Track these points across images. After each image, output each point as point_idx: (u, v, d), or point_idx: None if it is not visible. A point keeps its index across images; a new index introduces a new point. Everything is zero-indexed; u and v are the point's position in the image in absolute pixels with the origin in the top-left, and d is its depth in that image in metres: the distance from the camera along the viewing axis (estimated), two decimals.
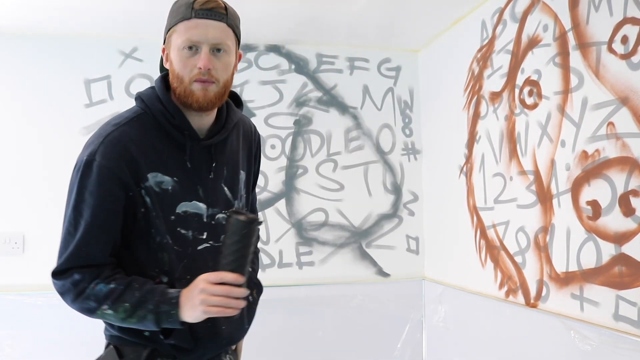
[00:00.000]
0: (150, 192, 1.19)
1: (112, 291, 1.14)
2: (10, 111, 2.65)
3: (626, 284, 1.55)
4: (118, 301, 1.13)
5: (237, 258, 1.12)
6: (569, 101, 1.81)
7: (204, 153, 1.27)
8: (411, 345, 2.93)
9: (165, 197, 1.21)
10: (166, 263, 1.21)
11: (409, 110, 3.09)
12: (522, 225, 2.08)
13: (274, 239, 2.87)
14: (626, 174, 1.55)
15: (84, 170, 1.16)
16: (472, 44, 2.48)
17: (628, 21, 1.56)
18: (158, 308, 1.13)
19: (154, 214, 1.19)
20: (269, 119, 2.91)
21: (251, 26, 2.69)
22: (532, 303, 2.01)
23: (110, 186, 1.15)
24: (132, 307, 1.13)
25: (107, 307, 1.13)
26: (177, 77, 1.19)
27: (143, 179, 1.19)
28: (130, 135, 1.19)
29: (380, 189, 3.01)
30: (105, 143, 1.16)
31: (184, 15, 1.18)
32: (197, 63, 1.17)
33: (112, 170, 1.15)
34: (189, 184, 1.24)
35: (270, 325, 2.80)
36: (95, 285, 1.14)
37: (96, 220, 1.15)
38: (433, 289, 2.86)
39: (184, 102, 1.20)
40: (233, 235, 1.12)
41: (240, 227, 1.11)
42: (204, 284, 1.11)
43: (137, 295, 1.14)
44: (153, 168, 1.20)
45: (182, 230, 1.23)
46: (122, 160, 1.16)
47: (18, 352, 2.53)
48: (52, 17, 2.50)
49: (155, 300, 1.13)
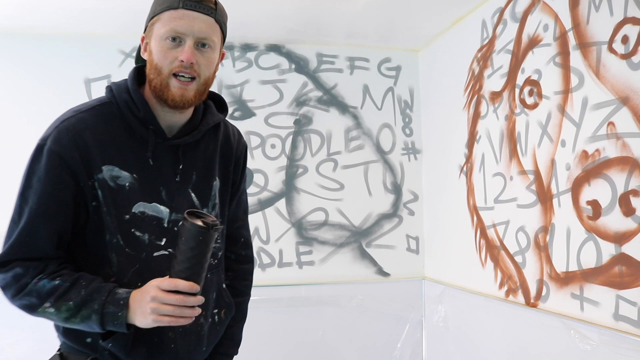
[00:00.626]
0: (103, 185, 1.11)
1: (56, 288, 1.05)
2: (10, 111, 2.65)
3: (626, 284, 1.56)
4: (62, 299, 1.05)
5: (192, 265, 1.03)
6: (569, 101, 1.81)
7: (169, 153, 1.18)
8: (411, 345, 2.93)
9: (120, 194, 1.12)
10: (114, 264, 1.12)
11: (409, 110, 3.09)
12: (522, 225, 2.08)
13: (274, 239, 2.87)
14: (626, 173, 1.56)
15: (35, 155, 1.09)
16: (472, 44, 2.48)
17: (628, 21, 1.56)
18: (104, 308, 1.04)
19: (104, 209, 1.11)
20: (269, 119, 2.91)
21: (251, 26, 2.70)
22: (532, 303, 2.01)
23: (58, 172, 1.08)
24: (76, 306, 1.05)
25: (49, 304, 1.05)
26: (154, 68, 1.11)
27: (96, 170, 1.10)
28: (88, 123, 1.12)
29: (381, 189, 3.01)
30: (59, 128, 1.10)
31: (171, 3, 1.10)
32: (179, 55, 1.10)
33: (62, 156, 1.08)
34: (151, 184, 1.15)
35: (270, 325, 2.81)
36: (38, 281, 1.06)
37: (41, 208, 1.07)
38: (433, 289, 2.86)
39: (159, 96, 1.13)
40: (188, 241, 1.02)
41: (196, 233, 1.02)
42: (155, 291, 1.02)
43: (83, 294, 1.05)
44: (109, 160, 1.11)
45: (137, 232, 1.13)
46: (73, 147, 1.09)
47: (18, 352, 2.53)
48: (53, 17, 2.50)
49: (101, 300, 1.05)
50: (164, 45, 1.11)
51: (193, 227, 1.02)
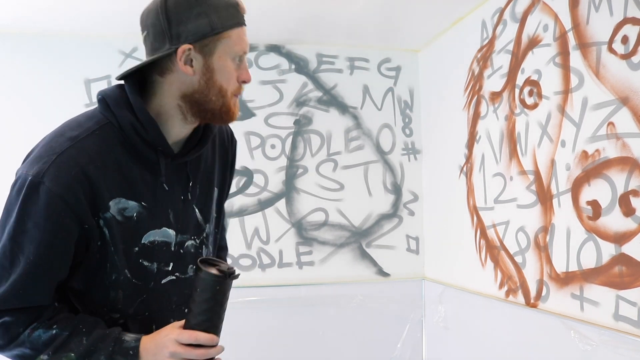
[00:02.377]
0: (110, 223, 0.98)
1: (54, 338, 0.94)
2: (10, 111, 2.65)
3: (626, 284, 1.55)
4: (61, 350, 0.94)
5: (211, 316, 0.97)
6: (569, 101, 1.81)
7: (179, 171, 1.08)
8: (411, 345, 2.93)
9: (129, 227, 1.01)
10: (119, 301, 1.03)
11: (409, 110, 3.09)
12: (522, 225, 2.08)
13: (274, 239, 2.87)
14: (626, 174, 1.55)
15: (29, 194, 0.93)
16: (472, 44, 2.48)
17: (628, 21, 1.56)
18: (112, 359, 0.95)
19: (112, 248, 0.99)
20: (269, 119, 2.91)
21: (251, 26, 2.67)
22: (532, 303, 2.01)
23: (61, 220, 0.93)
24: (78, 358, 0.94)
25: (46, 357, 0.94)
26: (218, 90, 1.01)
27: (103, 209, 0.98)
28: (91, 154, 0.97)
29: (380, 189, 3.01)
30: (57, 163, 0.94)
31: (239, 20, 1.02)
32: (240, 75, 1.04)
33: (66, 200, 0.93)
34: (160, 209, 1.05)
35: (271, 325, 2.81)
36: (32, 331, 0.94)
37: (40, 260, 0.94)
38: (433, 289, 2.86)
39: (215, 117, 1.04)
40: (204, 292, 0.96)
41: (212, 283, 0.96)
42: (174, 346, 0.94)
43: (85, 343, 0.94)
44: (116, 193, 0.99)
45: (146, 262, 1.04)
46: (78, 188, 0.94)
47: None
48: (52, 17, 2.50)
49: (108, 351, 0.95)
50: (232, 66, 1.02)
51: (209, 277, 0.95)
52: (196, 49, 0.99)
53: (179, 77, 1.01)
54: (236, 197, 2.85)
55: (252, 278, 2.82)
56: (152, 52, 1.02)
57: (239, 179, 2.86)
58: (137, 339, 0.97)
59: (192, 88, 1.02)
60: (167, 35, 0.99)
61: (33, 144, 1.05)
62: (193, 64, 1.00)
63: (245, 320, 2.78)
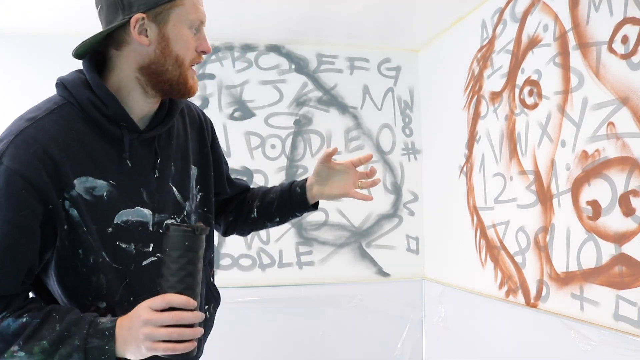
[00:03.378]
0: (77, 202, 0.95)
1: (24, 327, 0.89)
2: (10, 111, 2.64)
3: (626, 284, 1.55)
4: (32, 339, 0.88)
5: (182, 277, 0.91)
6: (569, 101, 1.81)
7: (145, 147, 1.05)
8: (411, 345, 2.93)
9: (99, 206, 0.97)
10: (103, 286, 0.98)
11: (409, 110, 3.09)
12: (522, 225, 2.08)
13: (274, 239, 2.87)
14: (626, 174, 1.55)
15: None
16: (472, 44, 2.48)
17: (628, 21, 1.56)
18: (87, 343, 0.88)
19: (83, 229, 0.95)
20: (269, 119, 2.91)
21: (251, 26, 2.70)
22: (532, 303, 2.01)
23: (23, 198, 0.90)
24: (51, 345, 0.88)
25: (17, 348, 0.87)
26: (175, 60, 1.00)
27: (67, 187, 0.94)
28: (50, 131, 0.94)
29: (380, 189, 3.01)
30: (16, 142, 0.92)
31: None
32: (199, 45, 1.03)
33: (26, 177, 0.90)
34: (131, 187, 1.02)
35: (270, 325, 2.81)
36: (1, 321, 0.89)
37: (5, 241, 0.89)
38: (433, 289, 2.86)
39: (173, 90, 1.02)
40: (174, 250, 0.91)
41: (181, 239, 0.91)
42: (147, 313, 0.89)
43: (58, 329, 0.89)
44: (81, 171, 0.96)
45: (123, 244, 1.00)
46: (39, 165, 0.91)
47: None
48: (52, 17, 2.50)
49: (82, 334, 0.89)
50: (189, 34, 1.01)
51: (178, 233, 0.91)
52: (150, 17, 0.97)
53: (135, 48, 1.00)
54: None
55: (252, 278, 2.82)
56: (106, 25, 1.01)
57: None
58: (113, 320, 0.92)
59: (148, 59, 1.00)
60: (119, 5, 0.97)
61: None
62: (148, 33, 0.98)
63: (245, 320, 2.78)
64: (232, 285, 2.78)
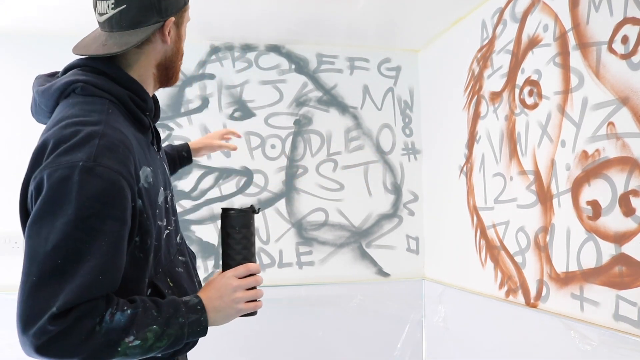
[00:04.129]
0: (141, 192, 1.00)
1: (132, 317, 0.93)
2: (10, 111, 2.65)
3: (626, 284, 1.55)
4: (142, 327, 0.93)
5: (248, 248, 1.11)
6: (569, 101, 1.81)
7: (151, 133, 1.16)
8: (411, 345, 2.93)
9: (151, 192, 1.04)
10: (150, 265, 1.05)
11: (409, 110, 3.09)
12: (522, 225, 2.08)
13: (274, 239, 2.87)
14: (626, 174, 1.55)
15: (83, 179, 0.88)
16: (472, 44, 2.48)
17: (628, 21, 1.56)
18: (188, 319, 0.99)
19: (145, 215, 1.00)
20: (269, 119, 2.91)
21: (251, 26, 2.70)
22: (532, 303, 2.01)
23: (126, 195, 0.94)
24: (161, 328, 0.95)
25: (132, 338, 0.92)
26: (180, 54, 1.15)
27: (138, 179, 0.99)
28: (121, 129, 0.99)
29: (380, 189, 3.01)
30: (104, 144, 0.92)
31: None
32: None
33: (125, 175, 0.94)
34: (158, 169, 1.11)
35: (270, 325, 2.81)
36: (111, 317, 0.91)
37: (116, 238, 0.92)
38: (433, 289, 2.86)
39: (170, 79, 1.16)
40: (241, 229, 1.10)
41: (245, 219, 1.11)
42: (236, 281, 1.05)
43: (156, 314, 0.96)
44: (140, 162, 1.02)
45: (159, 222, 1.08)
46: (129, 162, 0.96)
47: (18, 352, 2.53)
48: (52, 17, 2.50)
49: (182, 313, 0.98)
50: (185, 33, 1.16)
51: (241, 214, 1.10)
52: (177, 19, 1.11)
53: (156, 47, 1.10)
54: (236, 197, 2.85)
55: None
56: (133, 25, 1.04)
57: (239, 179, 2.86)
58: (195, 296, 1.04)
59: (165, 55, 1.12)
60: (155, 8, 1.05)
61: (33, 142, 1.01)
62: (171, 34, 1.10)
63: (245, 320, 2.77)
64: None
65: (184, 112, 2.82)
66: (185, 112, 2.82)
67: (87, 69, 1.06)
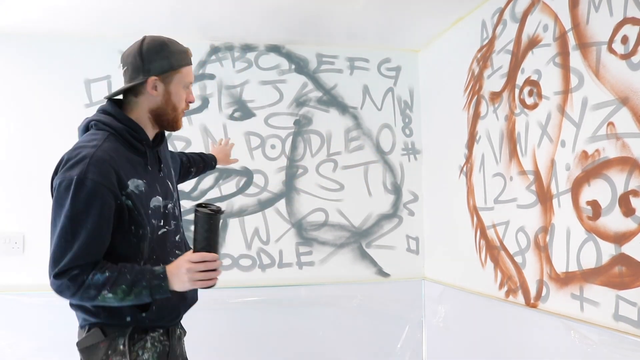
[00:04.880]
0: (131, 196, 1.44)
1: (109, 278, 1.37)
2: (10, 111, 2.65)
3: (626, 284, 1.55)
4: (115, 285, 1.37)
5: (209, 243, 1.42)
6: (569, 101, 1.81)
7: (155, 157, 1.59)
8: (411, 346, 2.93)
9: (142, 196, 1.47)
10: (144, 250, 1.48)
11: (409, 110, 3.09)
12: (522, 225, 2.08)
13: (274, 239, 2.87)
14: (626, 174, 1.55)
15: (77, 187, 1.35)
16: (472, 44, 2.48)
17: (628, 21, 1.56)
18: (151, 283, 1.39)
19: (135, 212, 1.45)
20: (269, 119, 2.91)
21: (251, 26, 2.70)
22: (532, 303, 2.01)
23: (105, 199, 1.38)
24: (128, 287, 1.38)
25: (107, 291, 1.36)
26: (172, 106, 1.53)
27: (125, 187, 1.43)
28: (110, 153, 1.42)
29: (380, 189, 3.01)
30: (93, 164, 1.37)
31: (187, 61, 1.54)
32: (188, 98, 1.57)
33: (105, 185, 1.38)
34: (152, 183, 1.53)
35: (270, 325, 2.81)
36: (92, 276, 1.36)
37: (96, 228, 1.37)
38: (433, 289, 2.86)
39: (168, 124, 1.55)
40: (204, 225, 1.41)
41: (208, 218, 1.41)
42: (188, 264, 1.41)
43: (130, 277, 1.38)
44: (130, 175, 1.45)
45: (154, 220, 1.51)
46: (110, 176, 1.39)
47: (17, 352, 2.53)
48: (52, 17, 2.50)
49: (146, 278, 1.39)
50: (182, 91, 1.54)
51: (206, 215, 1.41)
52: (160, 79, 1.50)
53: (147, 97, 1.52)
54: (236, 197, 2.85)
55: (252, 278, 2.82)
56: (129, 81, 1.52)
57: (238, 179, 2.86)
58: (163, 267, 1.43)
59: (156, 105, 1.53)
60: (141, 70, 1.50)
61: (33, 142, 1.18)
62: (157, 89, 1.51)
63: (245, 320, 2.78)
64: (232, 286, 2.78)
65: None
66: (185, 112, 2.82)
67: (101, 110, 1.53)
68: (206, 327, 2.70)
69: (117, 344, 1.45)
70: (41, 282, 2.50)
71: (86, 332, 1.47)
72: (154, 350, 1.50)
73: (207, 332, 2.70)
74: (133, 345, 1.46)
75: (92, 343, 1.45)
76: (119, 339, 1.45)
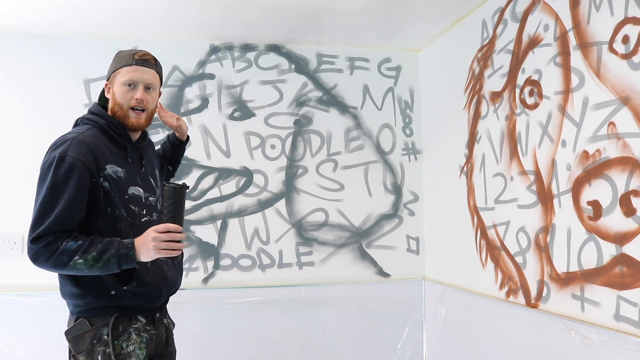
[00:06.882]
0: (108, 178, 1.59)
1: (80, 245, 1.49)
2: (11, 111, 2.64)
3: (627, 284, 1.55)
4: (86, 252, 1.49)
5: (175, 214, 1.53)
6: (570, 101, 1.81)
7: (137, 153, 1.74)
8: (411, 346, 2.93)
9: (120, 182, 1.62)
10: (122, 230, 1.60)
11: (409, 110, 3.09)
12: (522, 226, 2.08)
13: (274, 239, 2.87)
14: (627, 174, 1.55)
15: (59, 164, 1.52)
16: (472, 44, 2.48)
17: (629, 21, 1.56)
18: (118, 252, 1.50)
19: (112, 194, 1.59)
20: (269, 119, 2.91)
21: (251, 26, 2.69)
22: (532, 303, 2.01)
23: (81, 174, 1.52)
24: (98, 255, 1.49)
25: (78, 257, 1.48)
26: (118, 104, 1.67)
27: (102, 169, 1.58)
28: (90, 139, 1.60)
29: (381, 189, 3.01)
30: (73, 143, 1.55)
31: (127, 62, 1.68)
32: (134, 95, 1.67)
33: (83, 162, 1.53)
34: (131, 174, 1.68)
35: (270, 325, 2.80)
36: (66, 243, 1.49)
37: (72, 198, 1.51)
38: (433, 289, 2.86)
39: (123, 123, 1.68)
40: (169, 199, 1.54)
41: (173, 192, 1.54)
42: (153, 233, 1.51)
43: (100, 246, 1.50)
44: (109, 161, 1.61)
45: (132, 206, 1.65)
46: (88, 155, 1.55)
47: (17, 352, 2.53)
48: (52, 17, 2.50)
49: (115, 247, 1.51)
50: (123, 89, 1.67)
51: (172, 188, 1.54)
52: (109, 82, 1.71)
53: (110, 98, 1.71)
54: (236, 197, 2.85)
55: (252, 278, 2.82)
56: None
57: (238, 179, 2.86)
58: (131, 239, 1.54)
59: (111, 105, 1.70)
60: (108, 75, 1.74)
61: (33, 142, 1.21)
62: (110, 91, 1.71)
63: (245, 320, 2.77)
64: (232, 286, 2.77)
65: (183, 112, 2.82)
66: (185, 112, 2.82)
67: (88, 110, 1.74)
68: (206, 327, 2.70)
69: (102, 333, 1.56)
70: (41, 282, 2.51)
71: (74, 322, 1.58)
72: (140, 340, 1.61)
73: (207, 332, 2.69)
74: (117, 338, 1.57)
75: (79, 333, 1.56)
76: (103, 329, 1.56)
